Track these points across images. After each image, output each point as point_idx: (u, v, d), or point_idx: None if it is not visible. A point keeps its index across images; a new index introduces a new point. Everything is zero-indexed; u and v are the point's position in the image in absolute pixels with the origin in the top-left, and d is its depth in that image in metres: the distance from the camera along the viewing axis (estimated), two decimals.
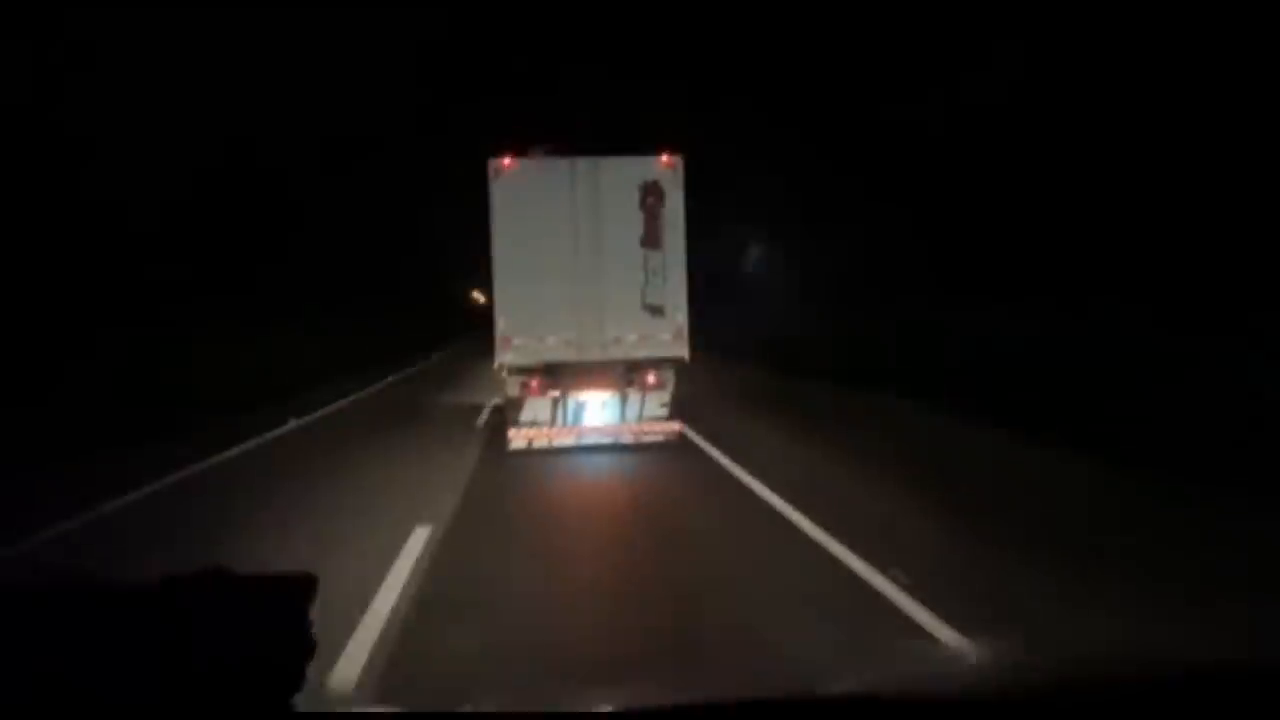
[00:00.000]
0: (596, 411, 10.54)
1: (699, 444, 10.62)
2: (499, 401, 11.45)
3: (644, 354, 10.33)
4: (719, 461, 9.67)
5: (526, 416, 10.47)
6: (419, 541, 6.48)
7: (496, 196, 10.15)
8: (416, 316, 40.96)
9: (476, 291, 78.94)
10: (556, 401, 10.45)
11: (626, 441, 10.55)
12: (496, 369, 10.55)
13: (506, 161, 10.16)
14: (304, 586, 1.16)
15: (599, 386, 10.44)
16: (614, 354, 10.28)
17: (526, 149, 10.39)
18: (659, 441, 10.47)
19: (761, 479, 8.39)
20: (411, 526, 6.85)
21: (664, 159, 10.28)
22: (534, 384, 10.33)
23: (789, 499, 7.45)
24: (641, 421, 10.51)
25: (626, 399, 10.48)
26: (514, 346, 10.23)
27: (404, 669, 4.13)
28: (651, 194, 10.20)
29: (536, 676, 3.80)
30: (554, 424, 10.48)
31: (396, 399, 18.78)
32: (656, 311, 10.28)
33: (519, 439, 10.44)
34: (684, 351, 10.38)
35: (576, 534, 7.03)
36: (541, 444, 10.47)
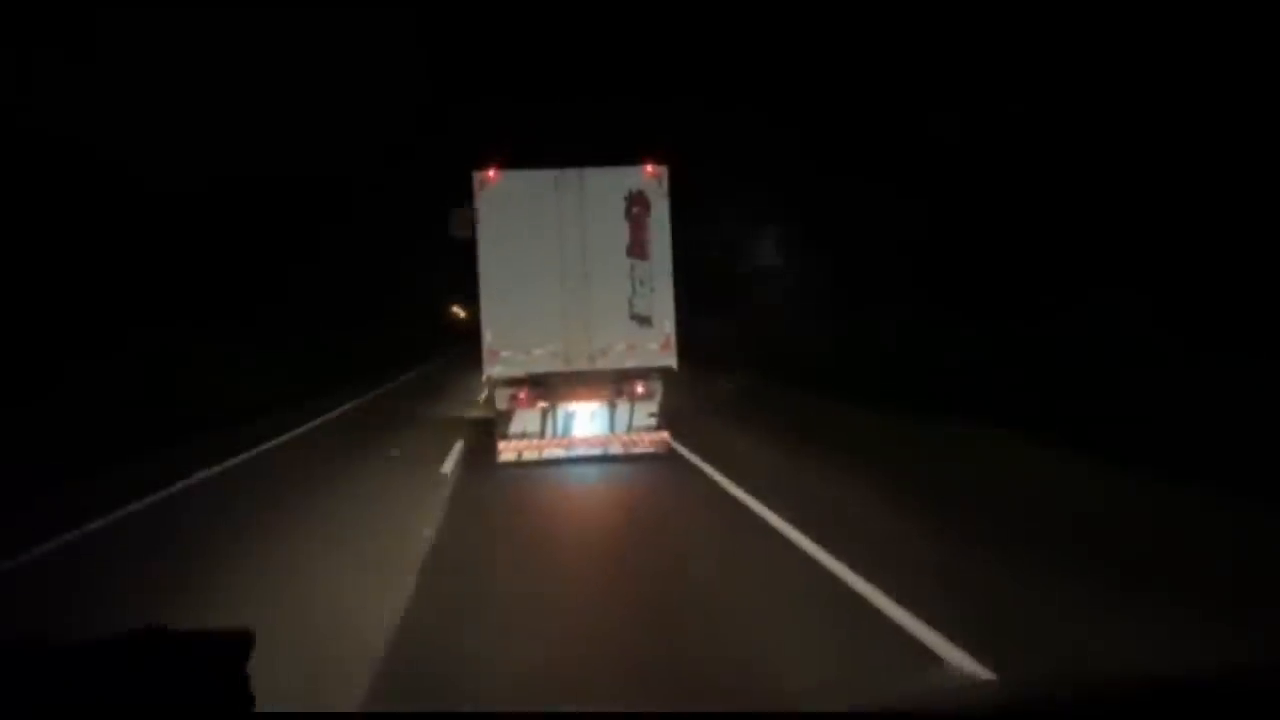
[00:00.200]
0: (585, 422, 10.49)
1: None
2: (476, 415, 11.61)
3: (632, 364, 10.30)
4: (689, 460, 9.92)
5: (515, 429, 10.41)
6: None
7: (481, 209, 10.11)
8: (399, 333, 41.00)
9: (456, 306, 78.77)
10: (545, 413, 10.40)
11: (616, 452, 10.50)
12: (484, 381, 10.49)
13: (491, 174, 10.13)
14: (240, 643, 1.16)
15: (588, 397, 10.40)
16: (602, 364, 10.24)
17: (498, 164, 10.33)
18: (649, 453, 10.45)
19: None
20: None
21: (649, 169, 10.28)
22: (523, 396, 10.28)
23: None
24: (631, 432, 10.48)
25: (615, 409, 10.45)
26: (502, 359, 10.18)
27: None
28: (637, 204, 10.19)
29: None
30: (543, 436, 10.43)
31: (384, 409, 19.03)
32: (644, 321, 10.25)
33: (508, 451, 10.37)
34: (672, 361, 10.36)
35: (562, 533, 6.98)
36: (531, 456, 10.41)
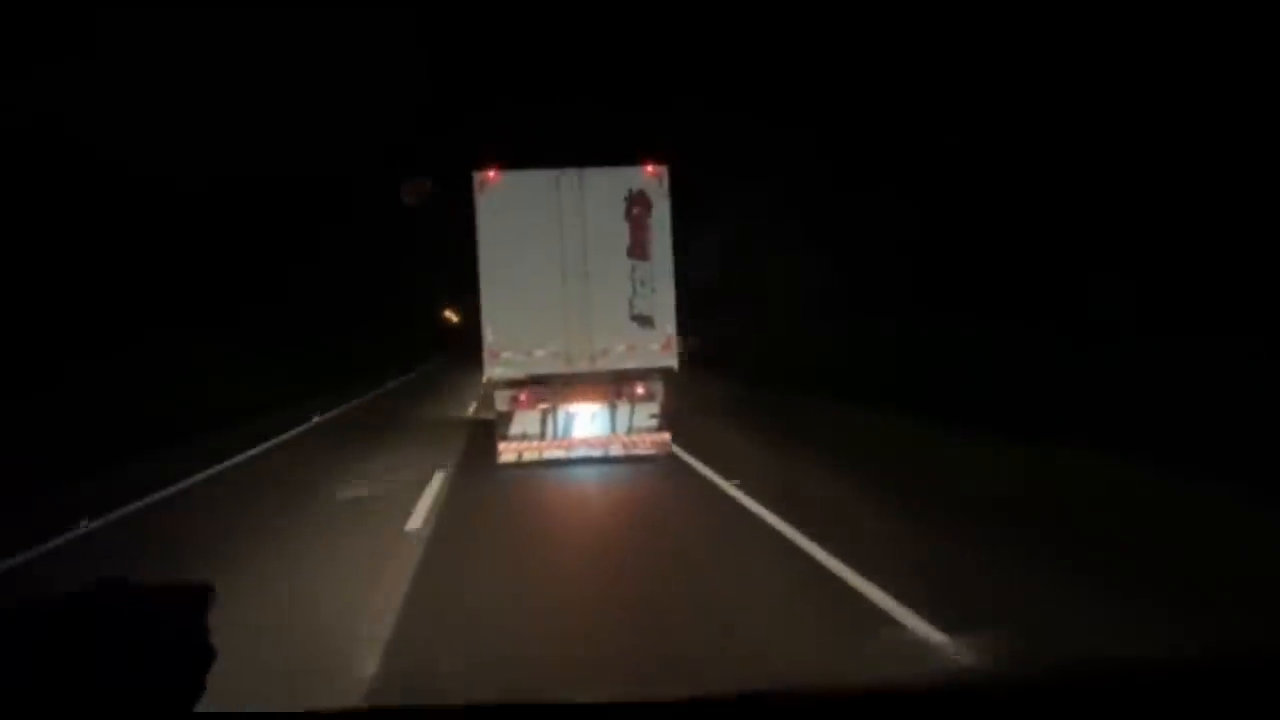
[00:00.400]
0: (586, 423, 10.44)
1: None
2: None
3: (633, 365, 10.26)
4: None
5: (516, 430, 10.36)
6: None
7: (482, 209, 10.06)
8: (393, 336, 41.05)
9: (450, 310, 78.58)
10: (546, 414, 10.35)
11: (617, 454, 10.46)
12: (485, 382, 10.44)
13: (491, 174, 10.08)
14: (201, 597, 1.19)
15: (588, 398, 10.36)
16: (603, 365, 10.20)
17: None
18: (649, 455, 10.42)
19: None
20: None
21: (649, 169, 10.23)
22: (523, 397, 10.24)
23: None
24: (631, 433, 10.44)
25: (616, 410, 10.40)
26: (502, 359, 10.14)
27: None
28: (638, 204, 10.15)
29: None
30: (543, 437, 10.38)
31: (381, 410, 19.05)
32: (645, 322, 10.21)
33: (509, 453, 10.33)
34: (673, 362, 10.33)
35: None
36: (531, 457, 10.37)
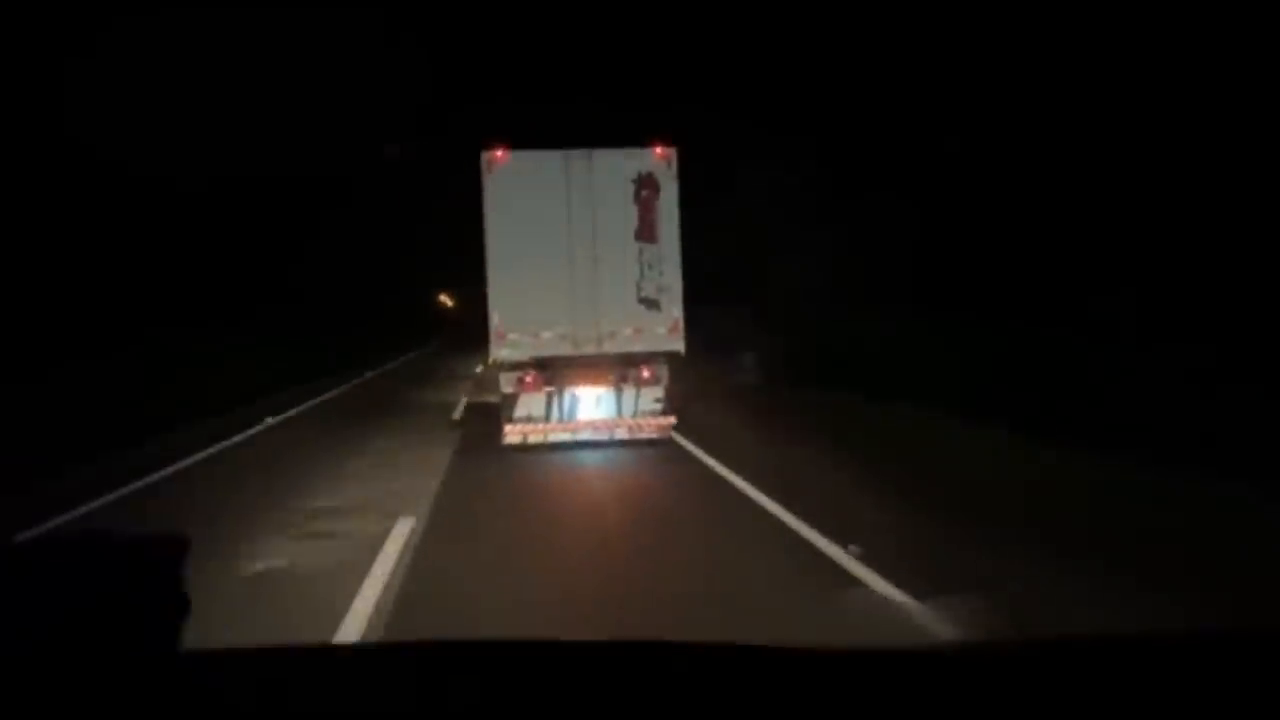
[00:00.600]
0: (591, 406, 10.42)
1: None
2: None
3: (639, 348, 10.24)
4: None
5: (520, 412, 10.34)
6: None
7: (489, 189, 10.01)
8: (391, 324, 41.15)
9: (444, 295, 78.24)
10: (551, 396, 10.33)
11: (621, 437, 10.46)
12: (491, 364, 10.41)
13: (499, 154, 10.03)
14: (177, 547, 1.20)
15: (594, 381, 10.33)
16: (609, 348, 10.18)
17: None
18: (653, 438, 10.41)
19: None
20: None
21: (658, 150, 10.20)
22: (529, 379, 10.21)
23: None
24: (636, 417, 10.42)
25: (621, 394, 10.38)
26: (508, 341, 10.10)
27: None
28: (646, 186, 10.12)
29: None
30: (548, 419, 10.36)
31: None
32: (652, 305, 10.19)
33: (513, 435, 10.30)
34: (680, 345, 10.31)
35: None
36: (536, 439, 10.35)
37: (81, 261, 16.55)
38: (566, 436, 10.40)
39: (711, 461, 9.35)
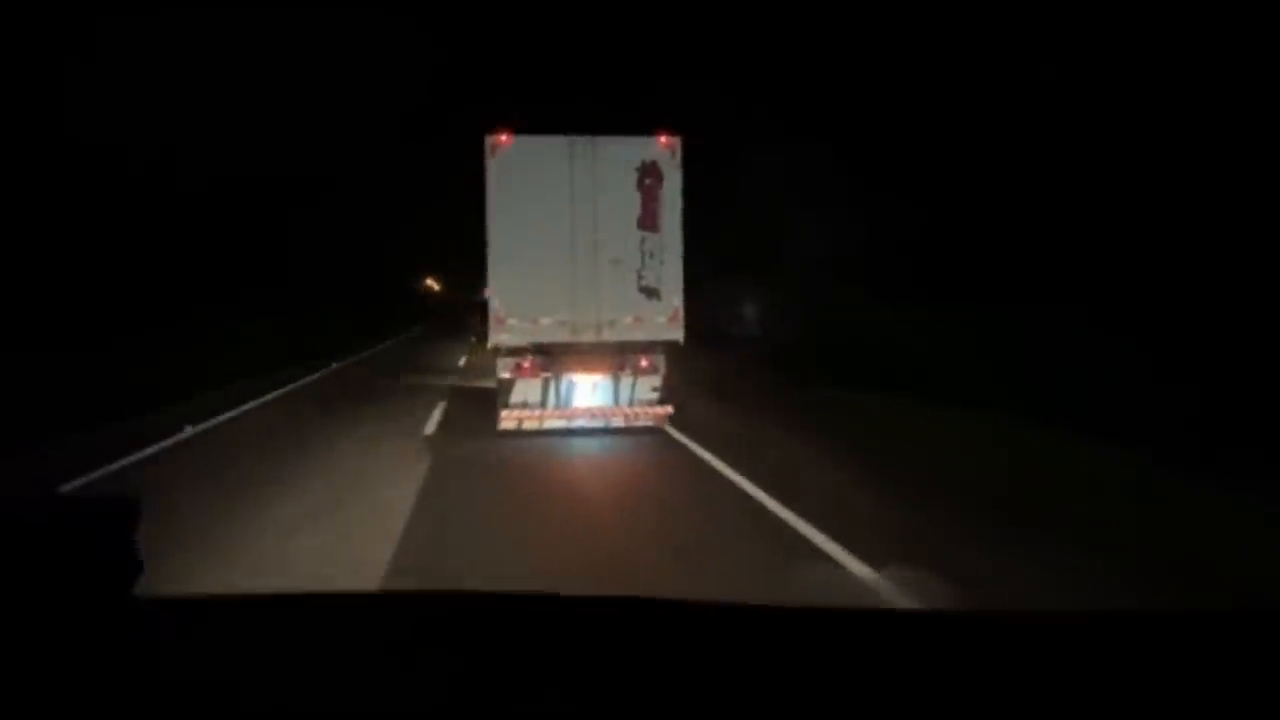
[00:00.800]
0: (587, 394, 10.39)
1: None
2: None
3: (639, 337, 10.22)
4: None
5: (516, 398, 10.30)
6: None
7: (492, 173, 9.94)
8: (382, 306, 41.15)
9: (431, 279, 77.93)
10: (547, 383, 10.29)
11: (617, 425, 10.44)
12: (490, 349, 10.36)
13: (503, 137, 9.95)
14: (128, 510, 1.21)
15: (592, 369, 10.31)
16: (609, 336, 10.15)
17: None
18: (649, 426, 10.40)
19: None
20: None
21: (662, 139, 10.16)
22: (527, 365, 10.17)
23: None
24: (633, 405, 10.41)
25: (618, 382, 10.36)
26: (508, 326, 10.06)
27: None
28: (650, 175, 10.08)
29: None
30: (544, 406, 10.33)
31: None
32: (652, 294, 10.16)
33: (509, 420, 10.27)
34: (679, 335, 10.30)
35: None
36: (531, 426, 10.31)
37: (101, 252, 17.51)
38: (562, 423, 10.37)
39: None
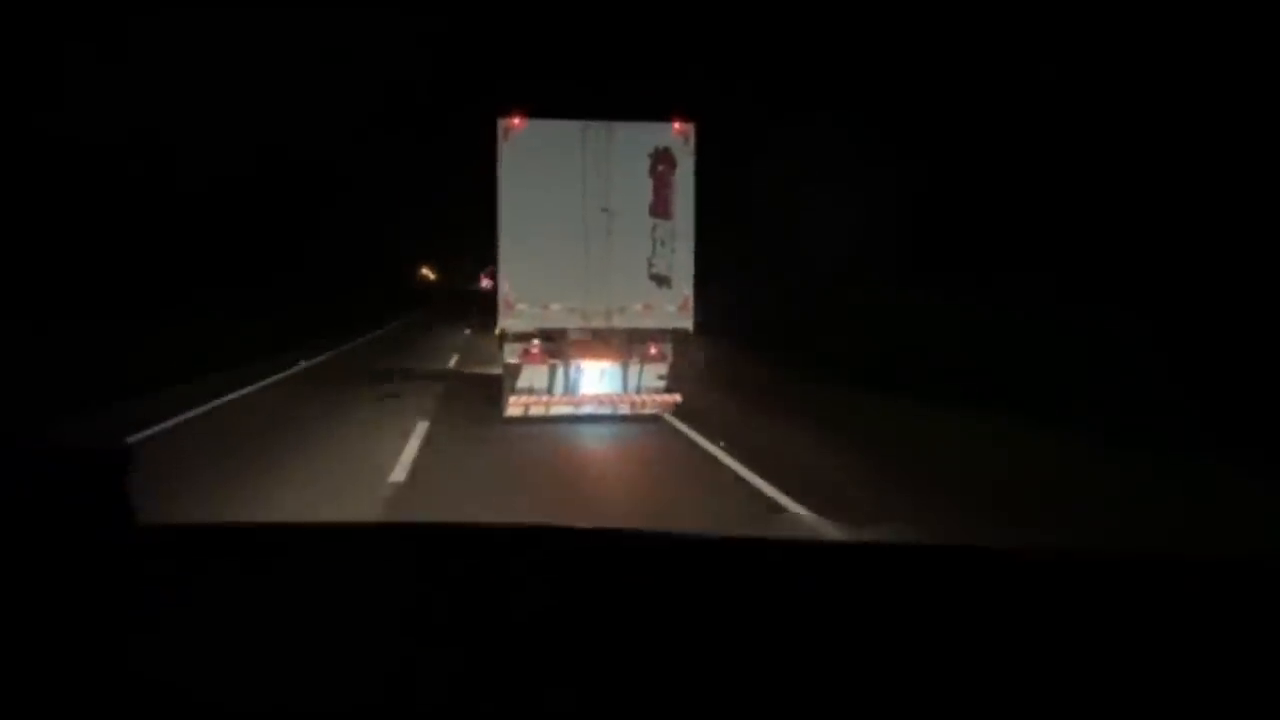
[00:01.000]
0: (594, 380, 10.35)
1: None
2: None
3: (649, 324, 10.17)
4: None
5: (523, 384, 10.25)
6: None
7: (505, 157, 9.86)
8: (378, 292, 41.13)
9: (426, 268, 77.84)
10: (554, 369, 10.24)
11: (624, 412, 10.41)
12: (497, 334, 10.30)
13: (516, 121, 9.88)
14: (121, 459, 1.23)
15: (600, 356, 10.25)
16: (618, 323, 10.10)
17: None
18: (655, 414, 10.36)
19: None
20: None
21: (676, 125, 10.09)
22: (535, 351, 10.11)
23: None
24: (640, 393, 10.36)
25: (626, 369, 10.31)
26: (517, 311, 9.99)
27: None
28: (662, 161, 10.02)
29: None
30: (551, 392, 10.28)
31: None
32: (663, 281, 10.11)
33: (515, 407, 10.22)
34: (689, 323, 10.25)
35: None
36: (538, 412, 10.26)
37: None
38: (569, 410, 10.32)
39: None
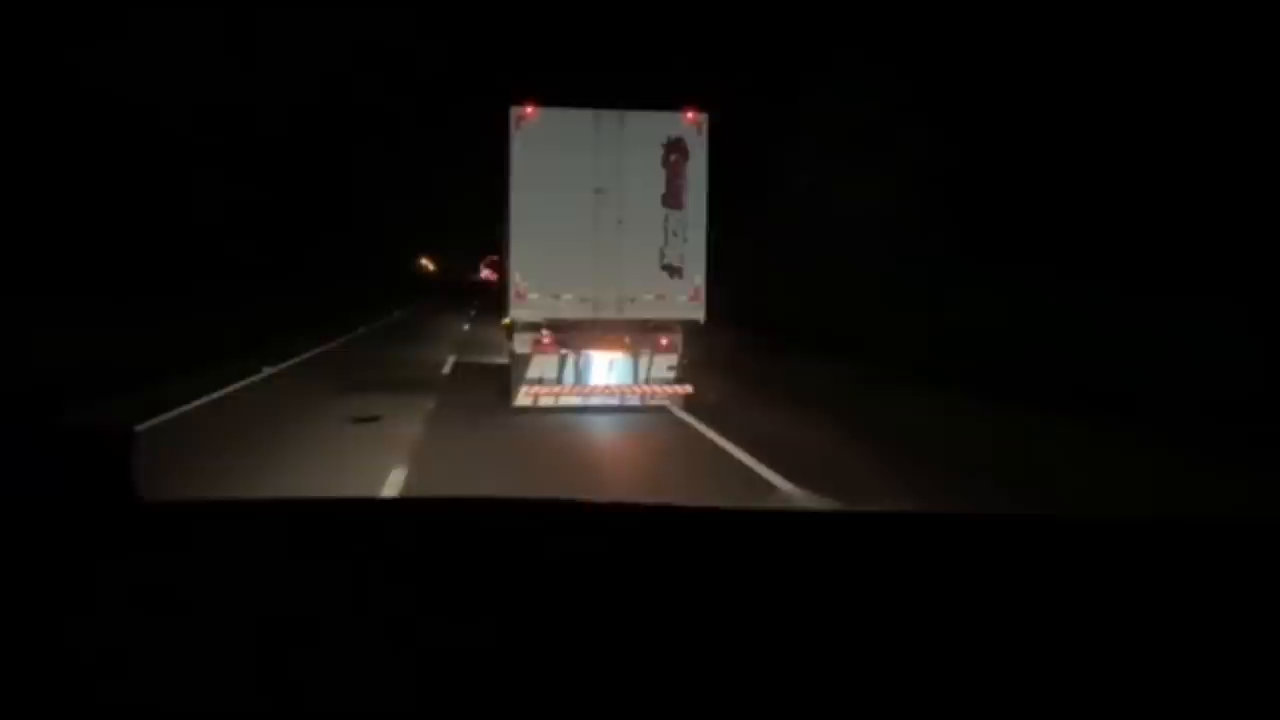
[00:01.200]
0: (604, 371, 10.31)
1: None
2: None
3: (660, 315, 10.13)
4: None
5: (533, 374, 10.21)
6: None
7: (516, 145, 9.79)
8: (377, 283, 41.17)
9: (425, 259, 77.67)
10: (564, 359, 10.20)
11: (633, 403, 10.38)
12: (508, 324, 10.25)
13: (529, 110, 9.81)
14: (124, 439, 1.22)
15: (610, 346, 10.21)
16: (630, 313, 10.05)
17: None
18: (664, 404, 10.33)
19: None
20: None
21: (689, 115, 10.02)
22: (545, 340, 10.06)
23: None
24: (650, 383, 10.32)
25: (636, 360, 10.27)
26: (528, 301, 9.94)
27: None
28: (675, 151, 9.96)
29: None
30: (560, 382, 10.24)
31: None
32: (675, 272, 10.06)
33: (525, 397, 10.18)
34: (700, 314, 10.21)
35: None
36: (547, 402, 10.22)
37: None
38: (578, 400, 10.28)
39: None
